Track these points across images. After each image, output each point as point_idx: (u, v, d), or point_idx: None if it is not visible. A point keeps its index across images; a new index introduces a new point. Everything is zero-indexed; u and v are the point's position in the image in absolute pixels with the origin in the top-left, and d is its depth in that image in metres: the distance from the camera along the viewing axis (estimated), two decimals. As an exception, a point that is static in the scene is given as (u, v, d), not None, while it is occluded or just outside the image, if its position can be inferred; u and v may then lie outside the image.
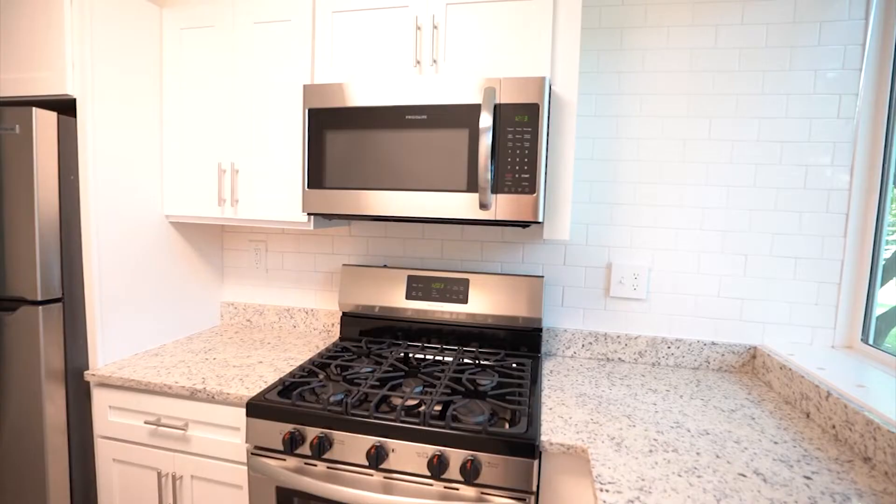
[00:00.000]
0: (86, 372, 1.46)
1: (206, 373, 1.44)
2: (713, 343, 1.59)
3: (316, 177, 1.40)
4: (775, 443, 1.09)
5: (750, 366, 1.57)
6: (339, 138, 1.37)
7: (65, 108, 1.48)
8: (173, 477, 1.39)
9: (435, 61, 1.39)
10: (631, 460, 1.00)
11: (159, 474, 1.39)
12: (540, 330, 1.62)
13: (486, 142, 1.23)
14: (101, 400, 1.46)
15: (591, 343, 1.68)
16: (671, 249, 1.61)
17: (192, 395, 1.34)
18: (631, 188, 1.62)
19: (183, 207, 1.66)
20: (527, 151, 1.26)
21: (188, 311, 1.84)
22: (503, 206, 1.28)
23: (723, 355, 1.59)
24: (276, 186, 1.55)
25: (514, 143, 1.27)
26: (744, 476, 0.95)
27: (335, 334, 1.89)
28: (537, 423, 1.14)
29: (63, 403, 1.43)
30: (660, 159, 1.60)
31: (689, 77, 1.55)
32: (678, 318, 1.62)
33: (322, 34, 1.47)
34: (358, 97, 1.36)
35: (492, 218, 1.29)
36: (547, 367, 1.58)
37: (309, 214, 1.49)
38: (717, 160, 1.55)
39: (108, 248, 1.49)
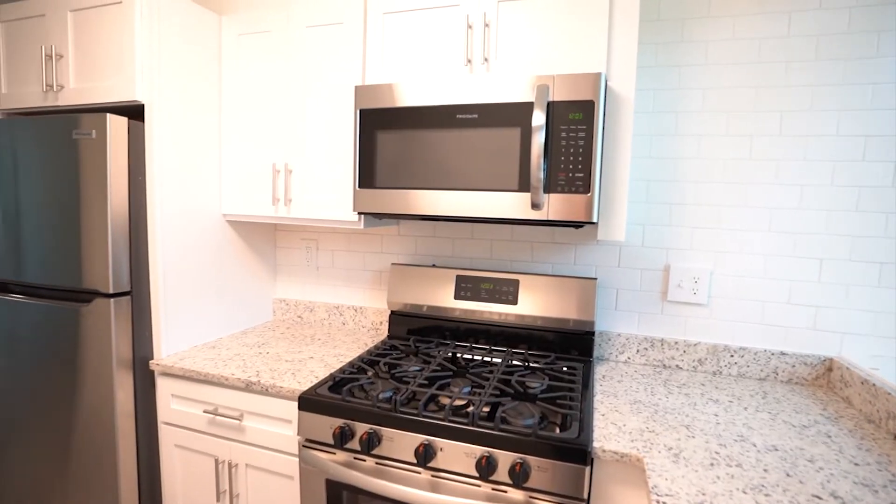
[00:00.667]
0: (151, 361, 1.54)
1: (260, 366, 1.48)
2: (782, 353, 1.48)
3: (367, 177, 1.42)
4: (856, 464, 1.00)
5: (825, 379, 1.46)
6: (390, 138, 1.38)
7: (134, 113, 1.57)
8: (229, 464, 1.44)
9: (486, 60, 1.37)
10: (690, 473, 0.94)
11: (216, 461, 1.45)
12: (592, 333, 1.56)
13: (538, 140, 1.20)
14: (164, 388, 1.54)
15: (646, 349, 1.61)
16: (735, 252, 1.52)
17: (248, 387, 1.39)
18: (691, 187, 1.54)
19: (239, 207, 1.73)
20: (581, 150, 1.22)
21: (243, 307, 1.91)
22: (556, 206, 1.25)
23: (793, 366, 1.48)
24: (327, 186, 1.58)
25: (567, 141, 1.23)
26: (819, 498, 0.87)
27: (383, 332, 1.91)
28: (589, 429, 1.10)
29: (131, 390, 1.52)
30: (723, 157, 1.51)
31: (757, 69, 1.45)
32: (742, 326, 1.53)
33: (373, 36, 1.49)
34: (409, 97, 1.36)
35: (544, 218, 1.26)
36: (599, 371, 1.53)
37: (359, 214, 1.51)
38: (789, 157, 1.45)
39: (170, 246, 1.57)
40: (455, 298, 1.67)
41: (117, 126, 1.43)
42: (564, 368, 1.48)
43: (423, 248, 1.86)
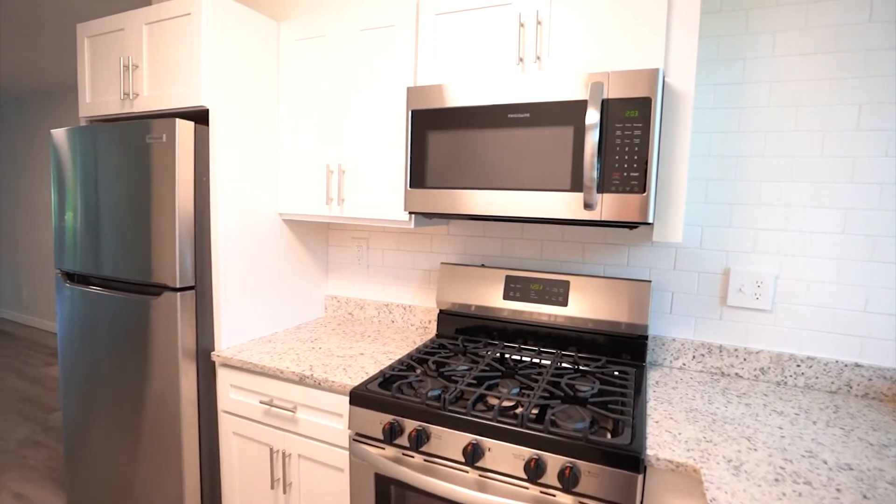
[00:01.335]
0: (212, 353, 1.63)
1: (313, 360, 1.53)
2: (857, 364, 1.38)
3: (418, 176, 1.43)
4: (943, 487, 0.92)
5: (904, 394, 1.35)
6: (442, 138, 1.39)
7: (199, 117, 1.66)
8: (283, 454, 1.50)
9: (538, 58, 1.36)
10: (752, 487, 0.90)
11: (271, 450, 1.51)
12: (645, 337, 1.52)
13: (592, 139, 1.17)
14: (224, 379, 1.62)
15: (703, 355, 1.54)
16: (804, 256, 1.43)
17: (301, 381, 1.44)
18: (755, 187, 1.47)
19: (294, 206, 1.79)
20: (636, 148, 1.19)
21: (296, 303, 1.98)
22: (609, 206, 1.22)
23: (870, 380, 1.37)
24: (379, 186, 1.61)
25: (622, 139, 1.20)
26: (901, 522, 0.81)
27: (431, 331, 1.93)
28: (642, 436, 1.07)
29: (195, 379, 1.61)
30: (791, 154, 1.42)
31: (832, 59, 1.36)
32: (810, 334, 1.43)
33: (425, 37, 1.51)
34: (460, 97, 1.37)
35: (596, 218, 1.23)
36: (652, 377, 1.48)
37: (410, 213, 1.53)
38: (868, 153, 1.35)
39: (231, 243, 1.65)
40: (504, 299, 1.66)
41: (185, 130, 1.51)
42: (616, 373, 1.44)
43: (473, 247, 1.86)
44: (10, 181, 5.29)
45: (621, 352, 1.54)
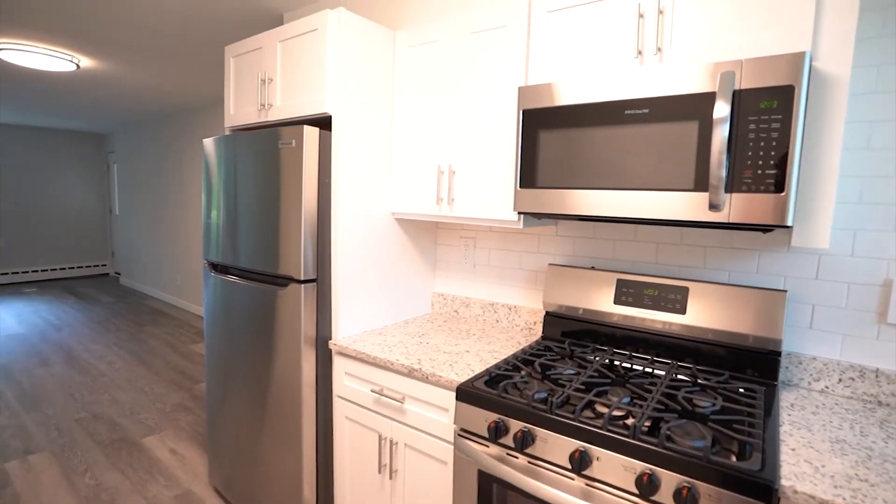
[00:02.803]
0: (330, 341, 1.76)
1: (421, 355, 1.59)
2: None
3: (528, 176, 1.42)
4: None
5: None
6: (553, 137, 1.37)
7: (323, 124, 1.80)
8: (391, 442, 1.58)
9: (659, 49, 1.28)
10: (921, 538, 0.77)
11: (380, 437, 1.60)
12: (778, 353, 1.36)
13: (720, 134, 1.08)
14: (339, 366, 1.74)
15: (852, 379, 1.34)
16: None
17: (410, 373, 1.50)
18: (928, 184, 1.24)
19: (406, 206, 1.87)
20: (774, 143, 1.07)
21: (405, 298, 2.07)
22: (739, 206, 1.11)
23: None
24: (488, 186, 1.63)
25: (757, 133, 1.09)
26: None
27: (536, 332, 1.91)
28: (775, 463, 0.96)
29: (314, 364, 1.75)
30: (981, 145, 1.18)
31: None
32: None
33: (537, 35, 1.49)
34: (574, 95, 1.33)
35: (724, 220, 1.13)
36: (786, 398, 1.32)
37: (519, 213, 1.53)
38: None
39: (348, 240, 1.77)
40: (614, 303, 1.59)
41: (311, 136, 1.65)
42: (741, 390, 1.32)
43: (582, 249, 1.80)
44: (169, 185, 6.18)
45: (746, 367, 1.40)
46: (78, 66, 3.73)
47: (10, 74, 4.09)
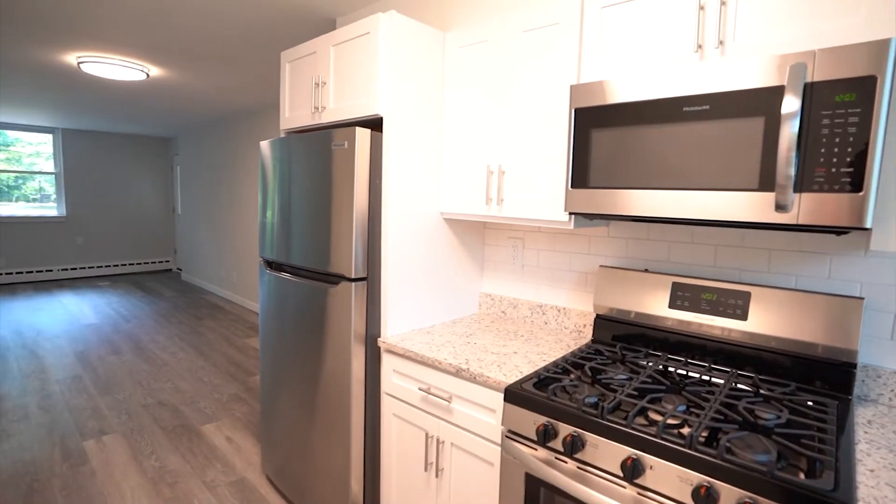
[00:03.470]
0: (378, 339, 1.79)
1: (468, 355, 1.59)
2: None
3: (580, 176, 1.40)
4: None
5: None
6: (606, 136, 1.34)
7: (374, 125, 1.83)
8: (437, 440, 1.59)
9: (721, 42, 1.22)
10: None
11: (426, 435, 1.62)
12: (853, 366, 1.27)
13: (789, 130, 1.02)
14: (387, 363, 1.77)
15: (938, 395, 1.23)
16: None
17: (457, 373, 1.51)
18: None
19: (455, 206, 1.88)
20: (851, 139, 1.00)
21: (453, 298, 2.08)
22: (809, 207, 1.04)
23: None
24: (538, 186, 1.61)
25: (831, 129, 1.02)
26: None
27: (586, 335, 1.87)
28: (851, 484, 0.90)
29: (363, 361, 1.79)
30: None
31: None
32: None
33: (590, 32, 1.46)
34: (628, 92, 1.29)
35: (792, 222, 1.07)
36: (862, 415, 1.23)
37: (570, 214, 1.50)
38: None
39: (397, 240, 1.80)
40: (669, 307, 1.53)
41: (362, 137, 1.69)
42: (810, 403, 1.23)
43: (634, 251, 1.75)
44: (227, 185, 6.49)
45: (814, 379, 1.31)
46: (148, 74, 3.98)
47: (91, 85, 4.43)
